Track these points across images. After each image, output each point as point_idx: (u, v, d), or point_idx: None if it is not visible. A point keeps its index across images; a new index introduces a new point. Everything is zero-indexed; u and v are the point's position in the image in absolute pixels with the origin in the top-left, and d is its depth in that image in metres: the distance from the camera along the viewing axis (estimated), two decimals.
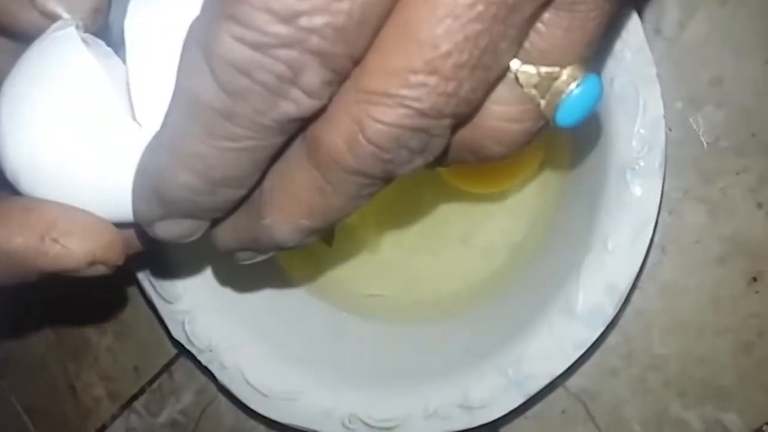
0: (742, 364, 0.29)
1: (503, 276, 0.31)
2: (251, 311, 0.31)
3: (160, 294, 0.30)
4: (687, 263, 0.30)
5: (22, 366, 0.38)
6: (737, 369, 0.29)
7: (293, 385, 0.29)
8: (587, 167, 0.28)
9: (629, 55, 0.26)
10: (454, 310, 0.31)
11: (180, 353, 0.35)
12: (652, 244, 0.26)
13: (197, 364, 0.31)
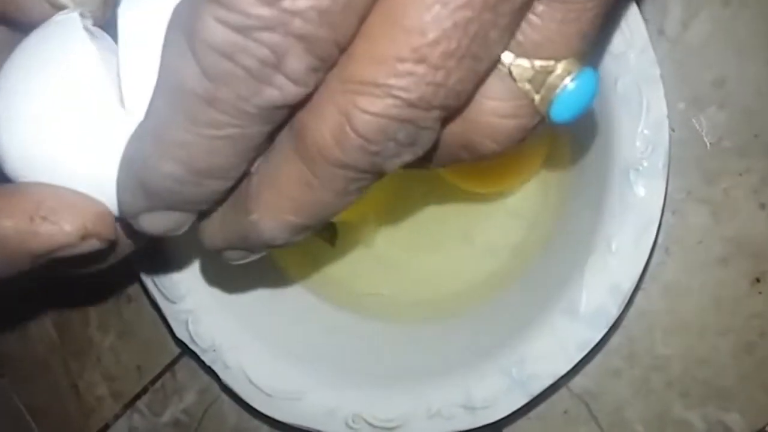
0: (744, 364, 0.29)
1: (506, 276, 0.31)
2: (255, 311, 0.31)
3: (163, 294, 0.30)
4: (690, 264, 0.30)
5: (24, 365, 0.38)
6: (740, 369, 0.29)
7: (297, 385, 0.29)
8: (590, 167, 0.28)
9: (633, 56, 0.25)
10: (457, 309, 0.31)
11: (183, 353, 0.35)
12: (655, 244, 0.26)
13: (200, 363, 0.31)
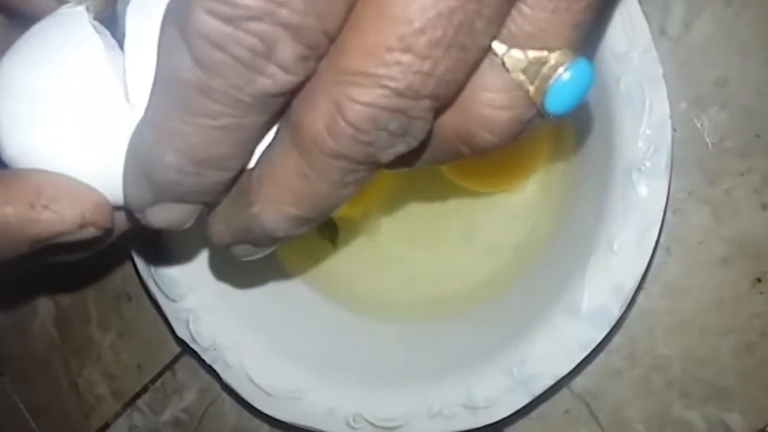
0: (745, 364, 0.29)
1: (508, 275, 0.31)
2: (255, 310, 0.31)
3: (164, 292, 0.30)
4: (691, 264, 0.30)
5: (24, 363, 0.38)
6: (740, 369, 0.29)
7: (297, 384, 0.29)
8: (593, 167, 0.28)
9: (635, 55, 0.26)
10: (458, 309, 0.31)
11: (183, 351, 0.35)
12: (657, 244, 0.26)
13: (201, 362, 0.31)
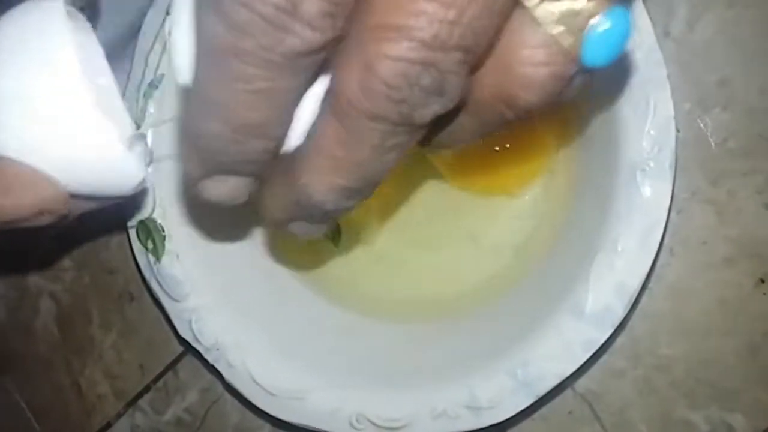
0: (748, 365, 0.29)
1: (511, 276, 0.31)
2: (258, 310, 0.31)
3: (167, 292, 0.30)
4: (694, 265, 0.30)
5: (26, 363, 0.38)
6: (743, 370, 0.29)
7: (300, 384, 0.29)
8: (597, 168, 0.28)
9: (640, 56, 0.26)
10: (462, 309, 0.31)
11: (185, 351, 0.35)
12: (661, 245, 0.26)
13: (203, 362, 0.31)
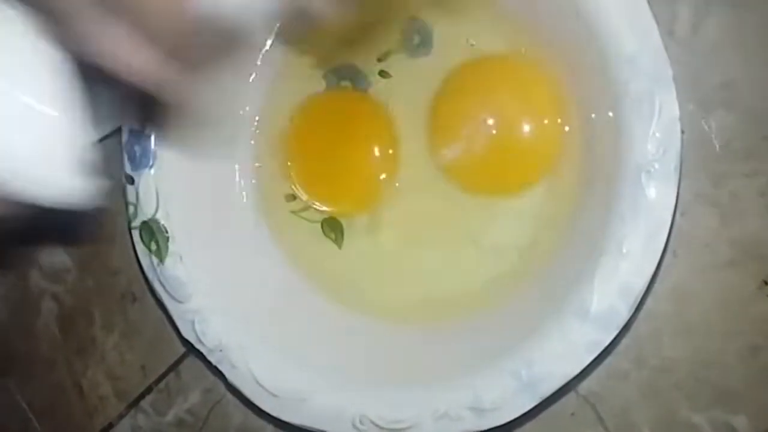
0: (751, 367, 0.29)
1: (515, 277, 0.31)
2: (261, 312, 0.31)
3: (170, 293, 0.30)
4: (697, 266, 0.29)
5: (28, 364, 0.38)
6: (746, 372, 0.29)
7: (303, 386, 0.29)
8: (601, 169, 0.28)
9: (645, 58, 0.26)
10: (465, 311, 0.31)
11: (188, 352, 0.35)
12: (666, 247, 0.26)
13: (206, 363, 0.31)
